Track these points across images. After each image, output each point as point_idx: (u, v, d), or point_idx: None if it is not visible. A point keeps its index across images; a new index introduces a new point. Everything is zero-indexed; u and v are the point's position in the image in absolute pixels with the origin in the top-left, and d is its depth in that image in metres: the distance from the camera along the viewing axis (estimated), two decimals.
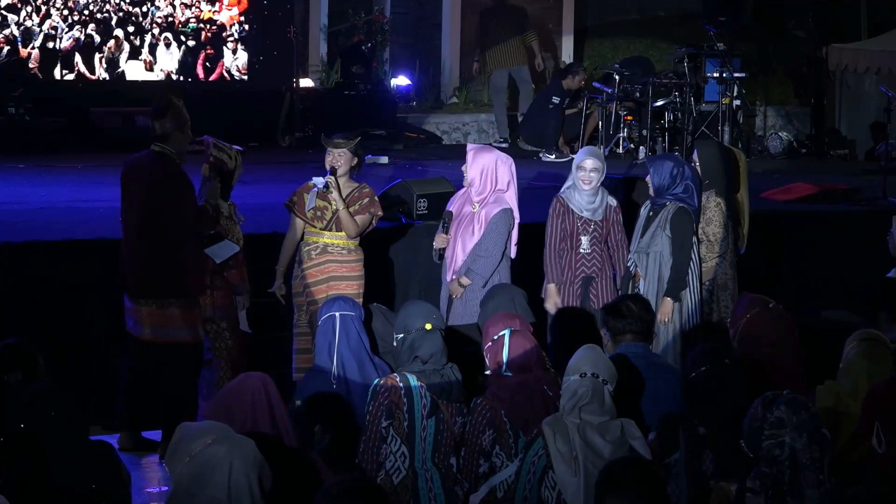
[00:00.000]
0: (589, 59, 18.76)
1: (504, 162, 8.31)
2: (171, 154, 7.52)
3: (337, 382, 6.33)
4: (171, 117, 7.51)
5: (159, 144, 7.52)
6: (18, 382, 5.68)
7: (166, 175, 7.51)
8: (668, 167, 8.24)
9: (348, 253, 8.15)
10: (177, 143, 7.52)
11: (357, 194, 8.17)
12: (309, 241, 8.16)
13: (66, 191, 11.16)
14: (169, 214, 7.50)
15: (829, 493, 4.64)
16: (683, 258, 8.18)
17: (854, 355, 6.18)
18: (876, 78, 15.91)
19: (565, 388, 5.35)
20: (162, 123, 7.51)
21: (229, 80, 16.24)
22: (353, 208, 8.08)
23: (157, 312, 7.51)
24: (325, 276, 8.10)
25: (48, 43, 15.33)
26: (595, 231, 8.27)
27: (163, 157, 7.52)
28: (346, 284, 8.08)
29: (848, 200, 12.00)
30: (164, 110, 7.51)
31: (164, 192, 7.50)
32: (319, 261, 8.11)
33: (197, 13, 16.10)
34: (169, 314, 7.50)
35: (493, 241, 8.16)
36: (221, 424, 4.53)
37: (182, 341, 7.55)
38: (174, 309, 7.51)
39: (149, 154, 7.58)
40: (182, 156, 7.58)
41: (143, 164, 7.60)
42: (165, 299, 7.50)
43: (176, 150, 7.53)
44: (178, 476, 4.37)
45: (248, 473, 4.32)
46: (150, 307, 7.51)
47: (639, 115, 14.95)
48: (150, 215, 7.52)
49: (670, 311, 8.14)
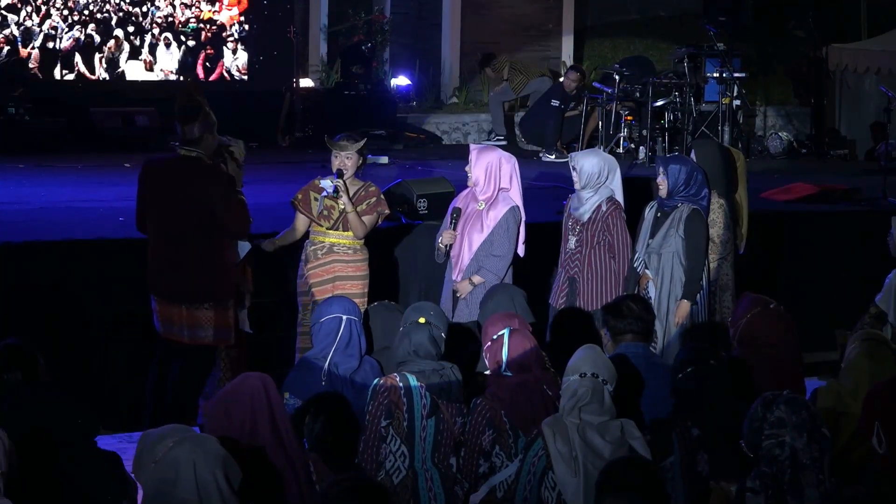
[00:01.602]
0: (589, 59, 18.77)
1: (507, 161, 8.32)
2: (203, 157, 7.39)
3: (326, 380, 6.34)
4: (201, 121, 7.37)
5: (189, 149, 7.37)
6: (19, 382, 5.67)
7: (210, 179, 7.38)
8: (685, 169, 8.23)
9: (354, 252, 8.14)
10: (207, 146, 7.40)
11: (363, 193, 8.15)
12: (315, 241, 8.14)
13: (66, 191, 11.16)
14: (217, 217, 7.38)
15: (828, 492, 4.65)
16: (699, 260, 8.18)
17: (856, 355, 6.19)
18: (876, 78, 15.91)
19: (565, 388, 5.35)
20: (192, 128, 7.35)
21: (229, 80, 16.24)
22: (360, 208, 8.07)
23: (192, 314, 7.45)
24: (330, 275, 8.09)
25: (48, 43, 15.33)
26: (581, 232, 8.25)
27: (197, 161, 7.38)
28: (351, 284, 8.07)
29: (848, 200, 12.00)
30: (194, 114, 7.36)
31: (212, 196, 7.36)
32: (325, 261, 8.10)
33: (197, 13, 16.10)
34: (202, 316, 7.45)
35: (507, 241, 8.17)
36: (181, 426, 4.53)
37: (213, 343, 7.53)
38: (207, 311, 7.45)
39: (177, 158, 7.42)
40: (211, 158, 7.46)
41: (175, 168, 7.43)
42: (199, 303, 7.43)
43: (207, 152, 7.41)
44: (146, 483, 4.38)
45: (214, 470, 4.32)
46: (184, 309, 7.45)
47: (639, 115, 14.95)
48: (196, 219, 7.37)
49: (686, 314, 8.13)
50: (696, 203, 8.22)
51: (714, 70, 15.42)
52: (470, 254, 8.20)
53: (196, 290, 7.44)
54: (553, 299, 8.40)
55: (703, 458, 5.38)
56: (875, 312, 8.59)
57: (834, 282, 10.65)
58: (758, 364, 6.39)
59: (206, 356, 7.59)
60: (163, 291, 7.49)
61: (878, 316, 8.58)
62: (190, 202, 7.36)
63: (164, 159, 7.62)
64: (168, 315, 7.48)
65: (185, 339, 7.46)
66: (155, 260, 7.51)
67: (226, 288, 7.55)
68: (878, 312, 8.57)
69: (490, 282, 8.05)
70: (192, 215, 7.36)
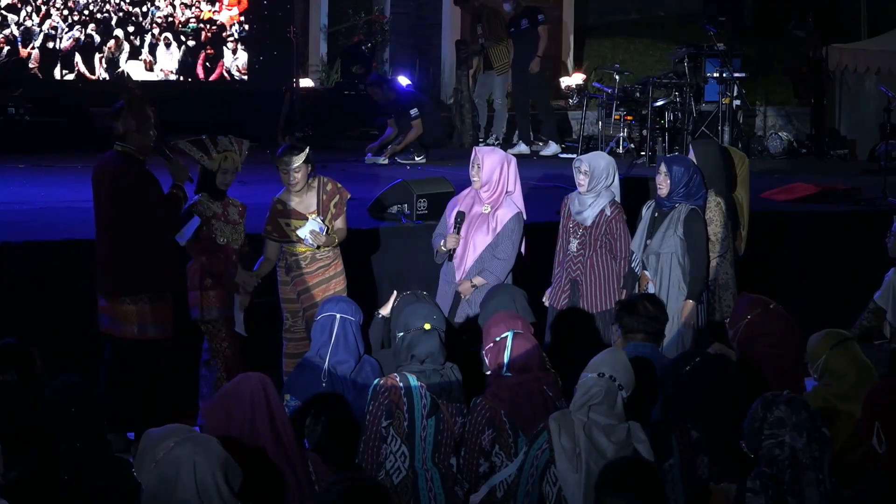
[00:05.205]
0: (589, 59, 18.79)
1: (510, 162, 8.34)
2: (132, 152, 7.61)
3: (326, 380, 6.33)
4: (127, 117, 7.61)
5: (121, 144, 7.64)
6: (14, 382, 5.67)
7: (128, 174, 7.59)
8: (686, 170, 8.24)
9: (332, 252, 8.23)
10: (135, 141, 7.61)
11: (325, 197, 8.18)
12: (296, 252, 8.16)
13: (66, 191, 11.15)
14: (134, 212, 7.56)
15: (828, 492, 4.64)
16: (701, 260, 8.18)
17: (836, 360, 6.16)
18: (876, 78, 15.92)
19: (581, 383, 5.32)
20: (117, 125, 7.64)
21: (229, 80, 16.26)
22: (331, 214, 8.11)
23: (132, 310, 7.56)
24: (316, 280, 8.15)
25: (48, 43, 15.34)
26: (584, 235, 8.26)
27: (125, 157, 7.62)
28: (335, 283, 8.18)
29: (848, 200, 12.00)
30: (118, 112, 7.64)
31: (128, 191, 7.58)
32: (311, 269, 8.15)
33: (197, 13, 16.11)
34: (141, 310, 7.58)
35: (512, 245, 8.18)
36: (183, 426, 4.54)
37: (154, 338, 7.62)
38: (145, 305, 7.59)
39: (112, 154, 7.69)
40: (145, 153, 7.66)
41: (106, 164, 7.70)
42: (138, 295, 7.57)
43: (137, 148, 7.61)
44: (146, 483, 4.38)
45: (214, 471, 4.33)
46: (126, 305, 7.55)
47: (639, 115, 14.96)
48: (116, 214, 7.61)
49: (693, 314, 8.13)
50: (693, 203, 8.23)
51: (714, 70, 15.43)
52: (474, 256, 8.20)
53: (135, 284, 7.57)
54: (553, 300, 8.39)
55: (703, 462, 5.37)
56: (874, 308, 8.60)
57: (834, 282, 10.64)
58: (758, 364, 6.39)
59: (153, 352, 7.65)
60: (107, 288, 7.63)
61: (877, 312, 8.58)
62: (115, 199, 7.56)
63: (101, 157, 7.83)
64: (111, 311, 7.63)
65: (131, 334, 7.59)
66: (97, 257, 7.72)
67: (164, 283, 7.67)
68: (877, 309, 8.58)
69: (491, 283, 8.05)
70: (118, 211, 7.56)
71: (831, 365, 6.14)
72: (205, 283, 7.93)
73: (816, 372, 6.22)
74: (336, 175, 9.24)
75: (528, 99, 15.29)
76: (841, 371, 6.12)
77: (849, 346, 6.21)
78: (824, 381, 6.18)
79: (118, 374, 7.64)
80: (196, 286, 7.95)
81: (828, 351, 6.16)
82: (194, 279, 7.95)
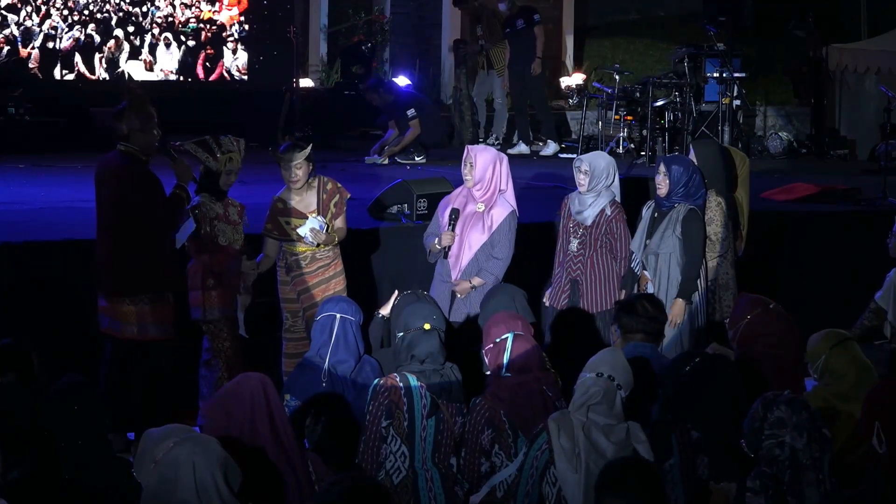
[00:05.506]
0: (589, 59, 18.79)
1: (502, 160, 8.33)
2: (135, 152, 7.60)
3: (326, 380, 6.33)
4: (130, 117, 7.61)
5: (124, 144, 7.62)
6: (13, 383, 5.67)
7: (130, 174, 7.59)
8: (686, 170, 8.24)
9: (332, 252, 8.20)
10: (139, 141, 7.60)
11: (325, 197, 8.18)
12: (296, 252, 8.15)
13: (66, 191, 11.15)
14: (135, 213, 7.57)
15: (828, 493, 4.64)
16: (695, 260, 8.18)
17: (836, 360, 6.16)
18: (876, 78, 15.91)
19: (579, 383, 5.33)
20: (120, 125, 7.63)
21: (229, 80, 16.26)
22: (331, 213, 8.10)
23: (131, 310, 7.57)
24: (316, 279, 8.14)
25: (48, 43, 15.34)
26: (584, 235, 8.26)
27: (128, 157, 7.61)
28: (335, 283, 8.16)
29: (848, 200, 11.99)
30: (121, 112, 7.64)
31: (129, 192, 7.57)
32: (311, 268, 8.14)
33: (197, 13, 16.11)
34: (140, 311, 7.58)
35: (507, 244, 8.17)
36: (183, 426, 4.54)
37: (154, 338, 7.62)
38: (144, 305, 7.59)
39: (115, 154, 7.68)
40: (149, 153, 7.66)
41: (109, 164, 7.69)
42: (137, 295, 7.57)
43: (141, 148, 7.60)
44: (146, 483, 4.38)
45: (213, 471, 4.33)
46: (125, 305, 7.55)
47: (639, 115, 14.96)
48: (117, 214, 7.61)
49: (682, 313, 8.14)
50: (692, 203, 8.23)
51: (714, 70, 15.43)
52: (469, 254, 8.19)
53: (135, 285, 7.57)
54: (552, 300, 8.39)
55: (703, 462, 5.37)
56: (874, 309, 8.60)
57: (834, 282, 10.64)
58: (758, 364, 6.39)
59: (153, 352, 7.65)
60: (107, 288, 7.62)
61: (878, 312, 8.58)
62: (117, 199, 7.56)
63: (104, 157, 7.81)
64: (111, 311, 7.62)
65: (131, 334, 7.58)
66: (97, 257, 7.71)
67: (164, 283, 7.67)
68: (878, 309, 8.58)
69: (490, 283, 8.05)
70: (119, 211, 7.57)
71: (831, 365, 6.15)
72: (207, 283, 7.93)
73: (816, 372, 6.22)
74: (336, 175, 9.23)
75: (527, 99, 15.29)
76: (841, 371, 6.13)
77: (849, 346, 6.21)
78: (824, 381, 6.18)
79: (118, 375, 7.64)
80: (198, 286, 7.94)
81: (828, 351, 6.16)
82: (196, 279, 7.95)
